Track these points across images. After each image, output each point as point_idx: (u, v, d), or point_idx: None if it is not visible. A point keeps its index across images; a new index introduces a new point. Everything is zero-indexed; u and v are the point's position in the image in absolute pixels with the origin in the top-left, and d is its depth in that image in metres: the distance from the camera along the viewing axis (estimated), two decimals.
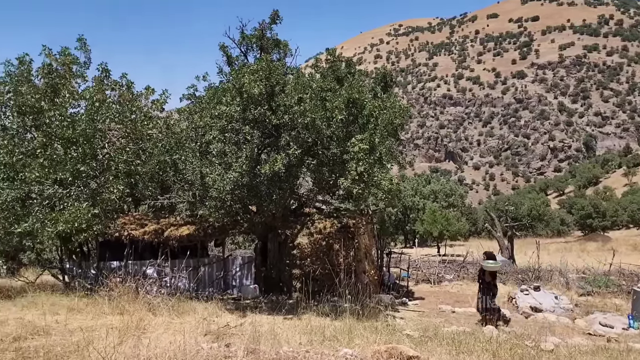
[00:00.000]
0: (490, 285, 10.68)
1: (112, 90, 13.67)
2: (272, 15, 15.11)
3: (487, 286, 10.67)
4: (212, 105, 11.72)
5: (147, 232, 13.12)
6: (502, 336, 7.55)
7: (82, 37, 13.30)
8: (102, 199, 11.59)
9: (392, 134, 12.48)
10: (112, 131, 12.45)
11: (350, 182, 10.29)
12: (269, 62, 10.93)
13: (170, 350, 4.89)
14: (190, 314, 8.35)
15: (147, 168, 12.88)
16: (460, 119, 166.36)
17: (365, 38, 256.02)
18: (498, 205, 54.41)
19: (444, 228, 35.94)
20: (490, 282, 10.70)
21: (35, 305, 8.70)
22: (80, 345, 5.48)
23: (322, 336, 6.22)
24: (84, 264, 13.44)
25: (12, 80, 12.23)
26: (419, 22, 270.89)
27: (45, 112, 11.92)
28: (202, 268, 13.88)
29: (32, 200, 11.13)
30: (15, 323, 7.00)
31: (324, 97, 11.04)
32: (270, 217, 12.55)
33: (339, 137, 11.05)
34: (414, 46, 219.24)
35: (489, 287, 10.66)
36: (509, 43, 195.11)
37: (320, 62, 13.36)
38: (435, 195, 46.86)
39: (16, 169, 11.25)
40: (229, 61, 15.16)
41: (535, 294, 13.74)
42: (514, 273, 19.13)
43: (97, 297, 8.87)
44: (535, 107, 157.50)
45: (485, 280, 10.74)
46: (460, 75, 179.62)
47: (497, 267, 11.23)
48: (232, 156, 11.03)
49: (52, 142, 11.92)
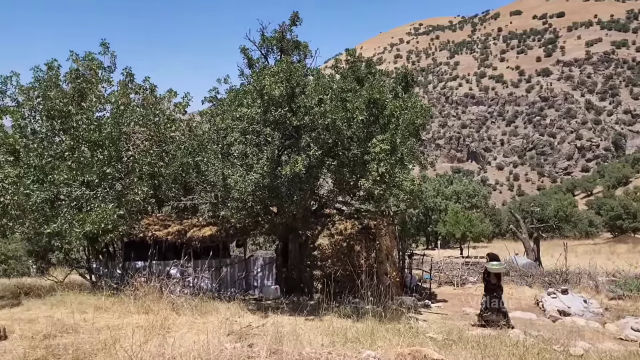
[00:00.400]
0: (495, 287, 10.63)
1: (136, 93, 13.96)
2: (292, 17, 15.19)
3: (492, 288, 10.62)
4: (234, 108, 11.84)
5: (170, 232, 13.33)
6: (529, 340, 7.35)
7: (104, 42, 13.61)
8: (127, 200, 11.84)
9: (414, 134, 12.34)
10: (136, 134, 12.72)
11: (371, 183, 10.22)
12: (289, 63, 10.97)
13: (194, 349, 4.95)
14: (213, 314, 8.43)
15: (170, 170, 13.10)
16: (482, 118, 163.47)
17: (384, 38, 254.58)
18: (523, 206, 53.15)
19: (467, 229, 35.36)
20: (496, 284, 10.65)
21: (64, 303, 8.94)
22: (107, 343, 5.60)
23: (344, 338, 6.18)
24: (110, 264, 13.75)
25: (41, 86, 12.60)
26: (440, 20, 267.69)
27: (73, 116, 12.25)
28: (224, 268, 14.02)
29: (60, 202, 11.44)
30: (45, 321, 7.20)
31: (344, 98, 11.00)
32: (290, 218, 12.58)
33: (359, 137, 10.99)
34: (435, 45, 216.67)
35: (494, 289, 10.60)
36: (533, 40, 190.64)
37: (340, 63, 13.32)
38: (458, 196, 46.15)
39: (45, 172, 11.58)
40: (249, 63, 15.31)
41: (563, 298, 13.35)
42: (540, 276, 18.63)
43: (123, 296, 9.05)
44: (561, 105, 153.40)
45: (490, 282, 10.69)
46: (482, 74, 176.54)
47: (502, 269, 11.18)
48: (253, 158, 11.11)
49: (80, 145, 12.25)
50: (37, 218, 11.33)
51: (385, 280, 13.05)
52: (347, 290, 10.97)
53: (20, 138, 12.11)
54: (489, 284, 10.70)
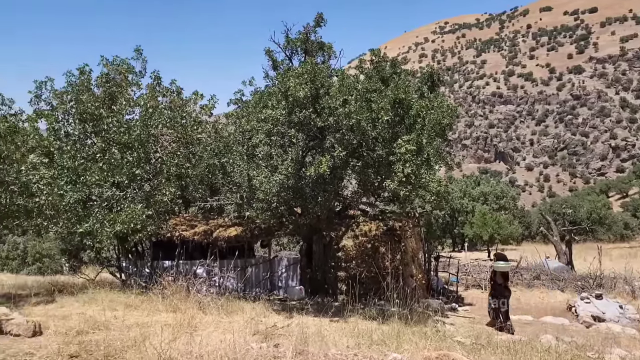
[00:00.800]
0: (501, 288, 10.48)
1: (163, 96, 14.26)
2: (316, 18, 15.22)
3: (498, 288, 10.47)
4: (258, 109, 11.93)
5: (197, 232, 13.55)
6: (562, 346, 7.10)
7: (139, 48, 14.02)
8: (155, 200, 12.09)
9: (440, 134, 12.14)
10: (164, 136, 13.00)
11: (396, 184, 10.10)
12: (313, 65, 10.97)
13: (221, 348, 4.99)
14: (238, 313, 8.50)
15: (196, 171, 13.32)
16: (511, 117, 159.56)
17: (409, 37, 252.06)
18: (554, 207, 51.53)
19: (495, 231, 34.56)
20: (502, 284, 10.51)
21: (95, 301, 9.18)
22: (137, 340, 5.71)
23: (370, 340, 6.11)
24: (138, 263, 14.08)
25: (74, 90, 13.02)
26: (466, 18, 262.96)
27: (104, 119, 12.61)
28: (249, 268, 14.15)
29: (92, 202, 11.78)
30: (78, 318, 7.41)
31: (369, 98, 10.92)
32: (315, 219, 12.58)
33: (384, 138, 10.89)
34: (461, 44, 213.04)
35: (500, 289, 10.45)
36: (564, 37, 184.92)
37: (364, 63, 13.24)
38: (485, 198, 45.17)
39: (78, 173, 11.95)
40: (274, 65, 15.43)
41: (598, 303, 12.87)
42: (572, 280, 18.04)
43: (152, 295, 9.23)
44: (595, 103, 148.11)
45: (497, 282, 10.55)
46: (510, 72, 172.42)
47: (508, 268, 11.04)
48: (277, 159, 11.16)
49: (110, 147, 12.60)
50: (70, 218, 11.69)
51: (410, 282, 12.88)
52: (372, 292, 10.87)
53: (55, 141, 12.54)
54: (495, 284, 10.62)
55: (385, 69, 12.61)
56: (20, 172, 11.51)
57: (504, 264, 10.55)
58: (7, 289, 13.27)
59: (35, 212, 11.92)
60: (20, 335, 6.35)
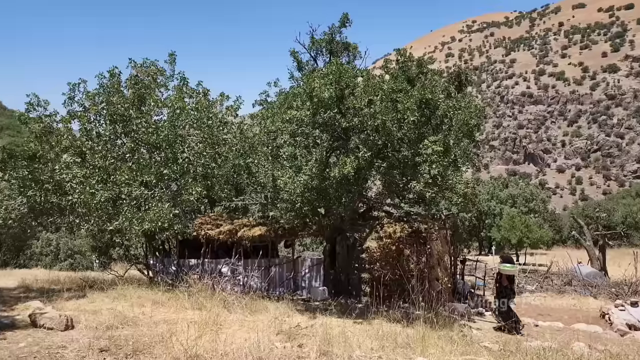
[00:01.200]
0: (507, 290, 10.39)
1: (190, 97, 14.53)
2: (341, 19, 15.19)
3: (503, 290, 10.38)
4: (283, 110, 11.98)
5: (222, 232, 13.70)
6: (595, 355, 6.83)
7: (172, 53, 14.43)
8: (181, 200, 12.32)
9: (467, 135, 11.90)
10: (191, 136, 13.23)
11: (422, 185, 9.97)
12: (339, 65, 10.94)
13: (245, 346, 5.03)
14: (262, 312, 8.54)
15: (222, 171, 13.50)
16: (541, 118, 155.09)
17: (435, 37, 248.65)
18: (587, 211, 49.77)
19: (524, 235, 33.61)
20: (507, 286, 10.43)
21: (124, 297, 9.41)
22: (164, 336, 5.82)
23: (394, 343, 6.03)
24: (165, 261, 14.36)
25: (105, 91, 13.40)
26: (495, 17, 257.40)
27: (133, 119, 12.93)
28: (272, 268, 14.21)
29: (121, 201, 12.09)
30: (108, 313, 7.61)
31: (394, 99, 10.80)
32: (338, 220, 12.53)
33: (410, 139, 10.74)
34: (489, 42, 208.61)
35: (505, 291, 10.35)
36: (598, 34, 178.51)
37: (389, 63, 13.11)
38: (514, 200, 44.00)
39: (109, 172, 12.29)
40: (299, 66, 15.47)
41: (633, 310, 12.33)
42: (606, 286, 17.35)
43: (178, 292, 9.39)
44: (631, 103, 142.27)
45: (502, 284, 10.47)
46: (541, 71, 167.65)
47: (514, 271, 10.95)
48: (302, 159, 11.18)
49: (139, 148, 12.92)
50: (100, 216, 12.03)
51: (436, 285, 12.65)
52: (396, 295, 10.74)
53: (87, 141, 12.95)
54: (501, 286, 10.53)
55: (412, 68, 12.45)
56: (54, 171, 11.93)
57: (511, 266, 10.53)
58: (41, 283, 13.77)
59: (68, 209, 12.34)
60: (53, 328, 6.56)
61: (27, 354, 5.35)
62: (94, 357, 5.29)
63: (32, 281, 14.40)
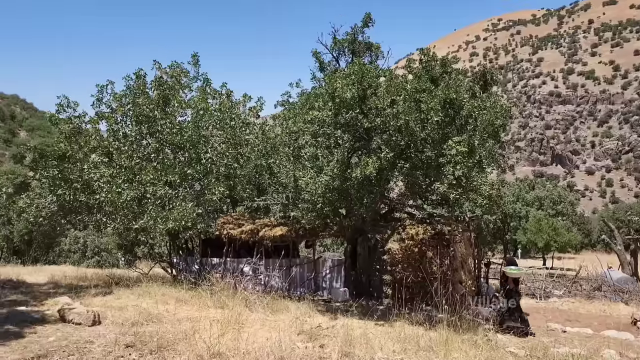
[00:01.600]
0: (512, 292, 10.25)
1: (213, 98, 14.70)
2: (364, 19, 15.12)
3: (509, 292, 10.27)
4: (305, 111, 11.99)
5: (243, 231, 13.83)
6: None
7: (195, 54, 14.60)
8: (204, 199, 12.48)
9: (493, 136, 11.65)
10: (214, 137, 13.40)
11: (446, 186, 9.81)
12: (361, 65, 10.88)
13: (267, 346, 5.04)
14: (283, 312, 8.55)
15: (244, 171, 13.61)
16: (570, 118, 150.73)
17: (459, 36, 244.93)
18: (618, 214, 48.07)
19: (551, 238, 32.68)
20: (512, 289, 10.32)
21: (148, 294, 9.58)
22: (187, 333, 5.90)
23: (417, 345, 5.93)
24: (188, 259, 14.58)
25: (131, 93, 13.69)
26: (521, 14, 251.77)
27: (158, 120, 13.17)
28: (293, 268, 14.25)
29: (146, 200, 12.33)
30: (133, 310, 7.75)
31: (418, 99, 10.66)
32: (359, 221, 12.46)
33: (434, 139, 10.58)
34: (515, 41, 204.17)
35: (510, 293, 10.23)
36: (630, 32, 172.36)
37: (412, 63, 12.96)
38: (541, 202, 42.85)
39: (134, 172, 12.56)
40: (321, 67, 15.48)
41: None
42: (638, 292, 16.70)
43: (201, 291, 9.50)
44: None
45: (507, 287, 10.37)
46: (570, 70, 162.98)
47: (520, 273, 10.85)
48: (323, 160, 11.16)
49: (164, 148, 13.15)
50: (126, 214, 12.29)
51: (459, 289, 12.43)
52: (418, 297, 10.60)
53: (114, 141, 13.26)
54: (505, 288, 10.42)
55: (435, 68, 12.27)
56: (82, 171, 12.26)
57: (516, 269, 10.42)
58: (70, 280, 14.18)
59: (95, 208, 12.65)
60: (81, 324, 6.73)
61: (57, 348, 5.49)
62: (119, 352, 5.39)
63: (61, 277, 14.85)
